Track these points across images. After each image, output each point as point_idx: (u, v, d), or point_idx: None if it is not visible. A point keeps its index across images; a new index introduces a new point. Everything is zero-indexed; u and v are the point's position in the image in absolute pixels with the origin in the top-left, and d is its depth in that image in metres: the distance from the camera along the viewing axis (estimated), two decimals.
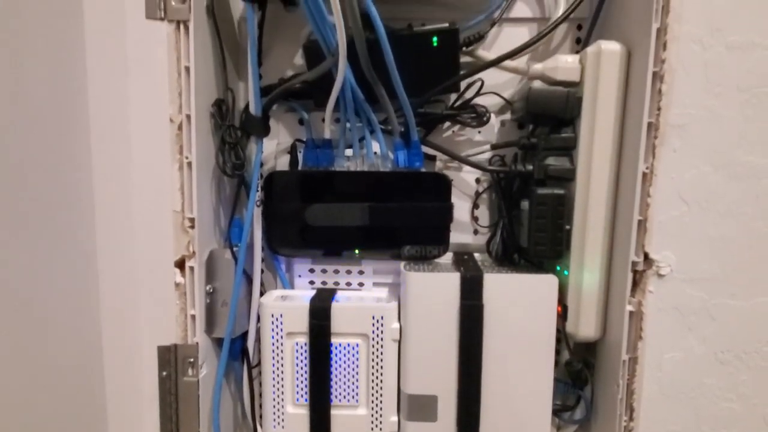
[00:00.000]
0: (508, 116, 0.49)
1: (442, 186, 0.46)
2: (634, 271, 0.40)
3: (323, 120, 0.46)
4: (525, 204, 0.44)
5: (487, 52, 0.47)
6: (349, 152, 0.48)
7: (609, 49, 0.40)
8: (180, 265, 0.42)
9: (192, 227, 0.42)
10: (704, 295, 0.40)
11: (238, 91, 0.50)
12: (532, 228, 0.43)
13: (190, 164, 0.41)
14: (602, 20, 0.46)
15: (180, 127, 0.40)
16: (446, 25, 0.43)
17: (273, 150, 0.51)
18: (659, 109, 0.38)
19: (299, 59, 0.50)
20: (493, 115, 0.49)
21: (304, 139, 0.49)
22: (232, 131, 0.44)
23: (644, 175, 0.39)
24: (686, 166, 0.39)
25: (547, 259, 0.44)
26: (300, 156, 0.49)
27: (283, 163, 0.51)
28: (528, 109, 0.43)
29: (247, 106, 0.46)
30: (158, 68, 0.40)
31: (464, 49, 0.45)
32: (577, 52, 0.48)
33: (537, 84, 0.43)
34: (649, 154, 0.39)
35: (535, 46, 0.45)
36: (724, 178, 0.39)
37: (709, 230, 0.39)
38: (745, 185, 0.39)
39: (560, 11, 0.46)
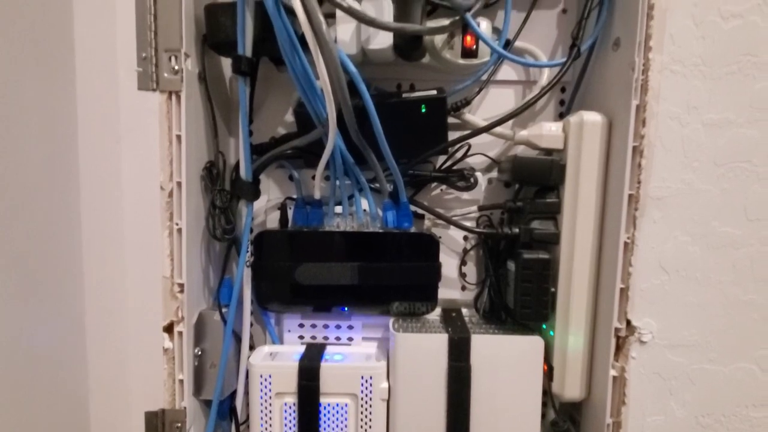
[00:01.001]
0: (494, 174, 0.50)
1: (430, 246, 0.47)
2: (617, 337, 0.41)
3: (313, 177, 0.47)
4: (511, 265, 0.45)
5: (474, 115, 0.48)
6: (338, 209, 0.49)
7: (591, 120, 0.42)
8: (168, 329, 0.42)
9: (181, 292, 0.42)
10: (685, 360, 0.41)
11: (229, 148, 0.50)
12: (518, 291, 0.44)
13: (180, 230, 0.41)
14: (584, 86, 0.47)
15: (170, 194, 0.41)
16: (434, 92, 0.44)
17: (263, 205, 0.51)
18: (639, 182, 0.39)
19: (290, 116, 0.51)
20: (480, 174, 0.50)
21: (294, 196, 0.50)
22: (222, 195, 0.44)
23: (626, 244, 0.40)
24: (666, 236, 0.40)
25: (533, 322, 0.45)
26: (290, 213, 0.49)
27: (273, 219, 0.51)
28: (514, 175, 0.44)
29: (237, 166, 0.46)
30: (150, 137, 0.40)
31: (452, 113, 0.46)
32: (560, 114, 0.50)
33: (522, 151, 0.44)
34: (630, 225, 0.40)
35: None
36: (702, 248, 0.40)
37: (689, 298, 0.40)
38: (721, 255, 0.40)
39: (545, 76, 0.48)
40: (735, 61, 0.38)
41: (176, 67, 0.40)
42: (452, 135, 0.48)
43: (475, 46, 0.45)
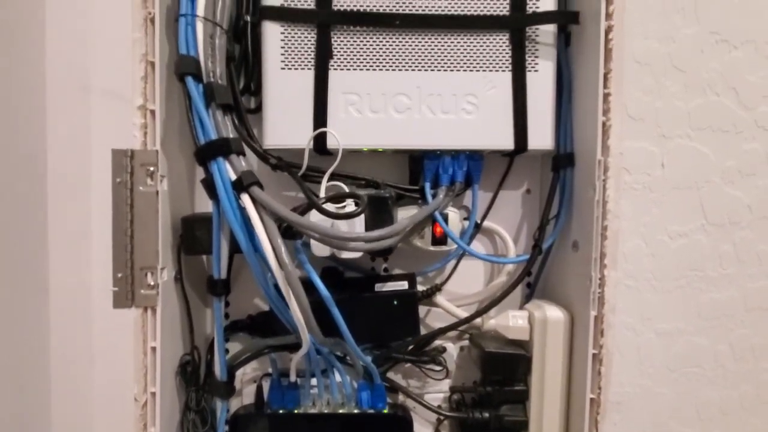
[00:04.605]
0: (465, 342, 0.52)
1: (404, 427, 0.48)
2: None
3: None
4: None
5: (444, 299, 0.50)
6: (313, 381, 0.50)
7: (554, 318, 0.44)
8: None
9: None
10: None
11: (205, 322, 0.51)
12: None
13: None
14: (547, 271, 0.50)
15: (144, 405, 0.41)
16: (405, 285, 0.46)
17: (239, 376, 0.51)
18: (600, 387, 0.41)
19: None
20: (450, 344, 0.51)
21: (269, 371, 0.50)
22: (198, 396, 0.44)
23: None
24: None
25: None
26: (265, 389, 0.50)
27: (249, 392, 0.51)
28: (483, 368, 0.46)
29: (211, 347, 0.47)
30: (123, 351, 0.40)
31: (423, 299, 0.48)
32: (528, 284, 0.52)
33: (491, 348, 0.46)
34: (593, 427, 0.42)
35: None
36: None
37: None
38: None
39: (510, 251, 0.50)
40: (683, 275, 0.41)
41: (152, 283, 0.40)
42: (423, 309, 0.50)
43: (444, 235, 0.47)
